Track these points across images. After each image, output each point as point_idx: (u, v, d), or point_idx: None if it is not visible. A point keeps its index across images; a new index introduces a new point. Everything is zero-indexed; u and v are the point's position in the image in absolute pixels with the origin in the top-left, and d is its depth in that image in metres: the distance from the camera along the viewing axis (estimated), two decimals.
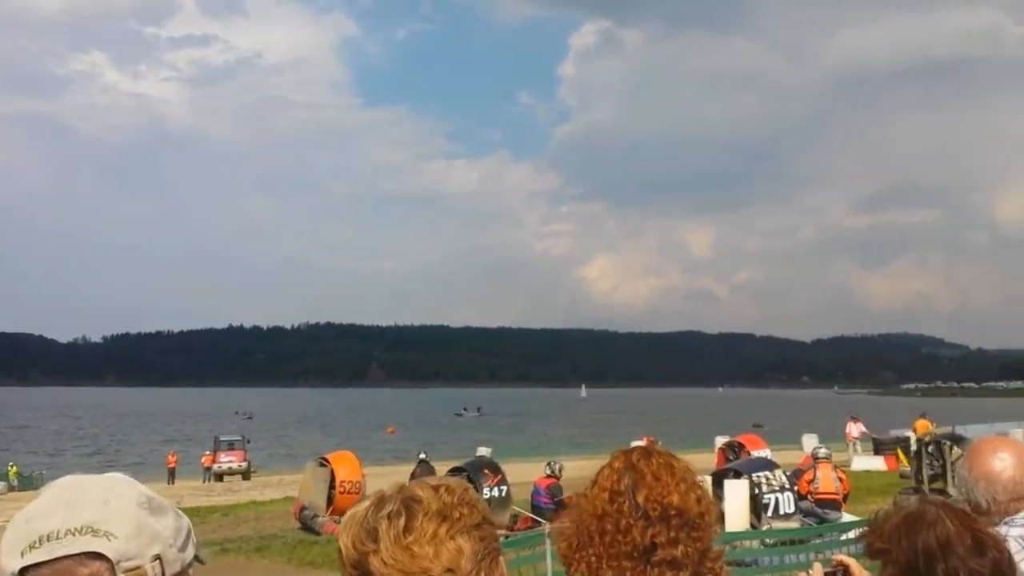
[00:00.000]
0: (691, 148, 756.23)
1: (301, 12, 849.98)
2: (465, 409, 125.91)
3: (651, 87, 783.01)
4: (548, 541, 9.82)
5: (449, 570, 1.44)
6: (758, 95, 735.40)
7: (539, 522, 16.12)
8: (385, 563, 1.43)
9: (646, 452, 2.16)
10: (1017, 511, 2.52)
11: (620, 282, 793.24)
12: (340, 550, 1.50)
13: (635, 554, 2.00)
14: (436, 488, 1.53)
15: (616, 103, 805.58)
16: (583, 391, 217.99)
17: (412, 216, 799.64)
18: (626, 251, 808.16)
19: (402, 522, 1.46)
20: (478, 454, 25.39)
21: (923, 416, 37.91)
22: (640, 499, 2.04)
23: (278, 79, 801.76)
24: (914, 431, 34.22)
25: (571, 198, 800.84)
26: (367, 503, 1.53)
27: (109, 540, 1.37)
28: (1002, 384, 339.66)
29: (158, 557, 1.43)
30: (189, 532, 1.56)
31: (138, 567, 1.39)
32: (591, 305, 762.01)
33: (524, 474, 24.41)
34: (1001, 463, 2.64)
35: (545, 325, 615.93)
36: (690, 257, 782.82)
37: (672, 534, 2.01)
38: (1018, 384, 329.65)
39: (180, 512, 1.54)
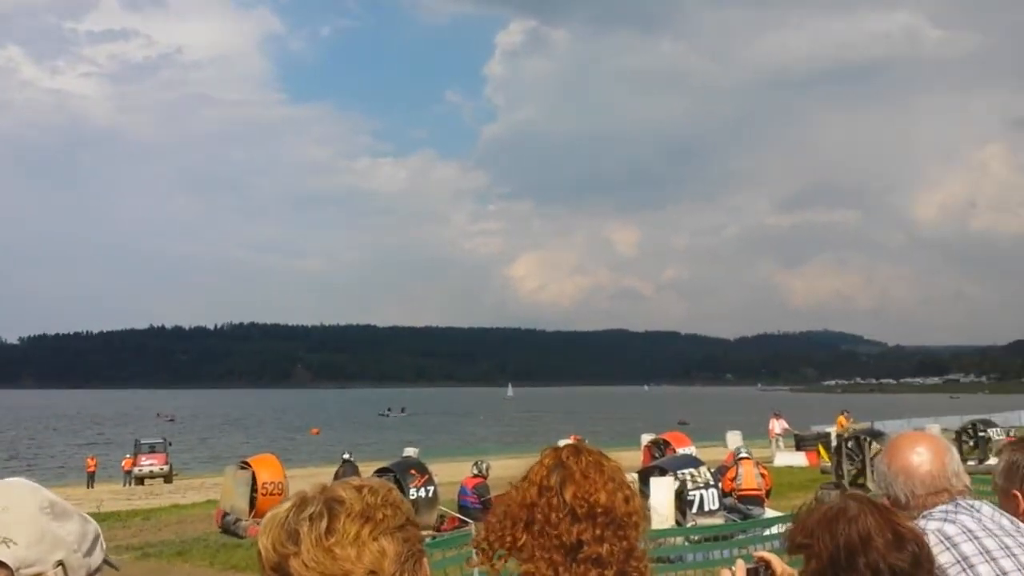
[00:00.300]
0: (618, 147, 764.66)
1: (223, 7, 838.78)
2: (389, 410, 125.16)
3: (578, 86, 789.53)
4: (474, 541, 9.76)
5: (372, 572, 1.41)
6: (685, 95, 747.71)
7: (466, 522, 16.10)
8: (306, 565, 1.40)
9: (576, 450, 2.18)
10: (935, 505, 2.55)
11: (547, 281, 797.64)
12: (260, 552, 1.46)
13: (562, 549, 2.02)
14: (359, 489, 1.50)
15: (543, 102, 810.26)
16: (510, 390, 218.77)
17: (337, 215, 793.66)
18: (553, 250, 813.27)
19: (324, 524, 1.42)
20: (405, 454, 25.23)
21: (843, 412, 38.85)
22: (568, 496, 2.06)
23: (200, 75, 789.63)
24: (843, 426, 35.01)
25: (498, 197, 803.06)
26: (288, 504, 1.49)
27: (8, 547, 1.36)
28: (919, 380, 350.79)
29: (61, 563, 1.40)
30: (97, 537, 1.52)
31: (39, 573, 1.38)
32: (518, 304, 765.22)
33: (451, 474, 24.39)
34: (919, 458, 2.67)
35: (472, 324, 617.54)
36: (617, 256, 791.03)
37: (598, 532, 2.03)
38: (935, 380, 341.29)
39: (87, 517, 1.51)
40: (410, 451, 26.50)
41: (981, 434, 29.58)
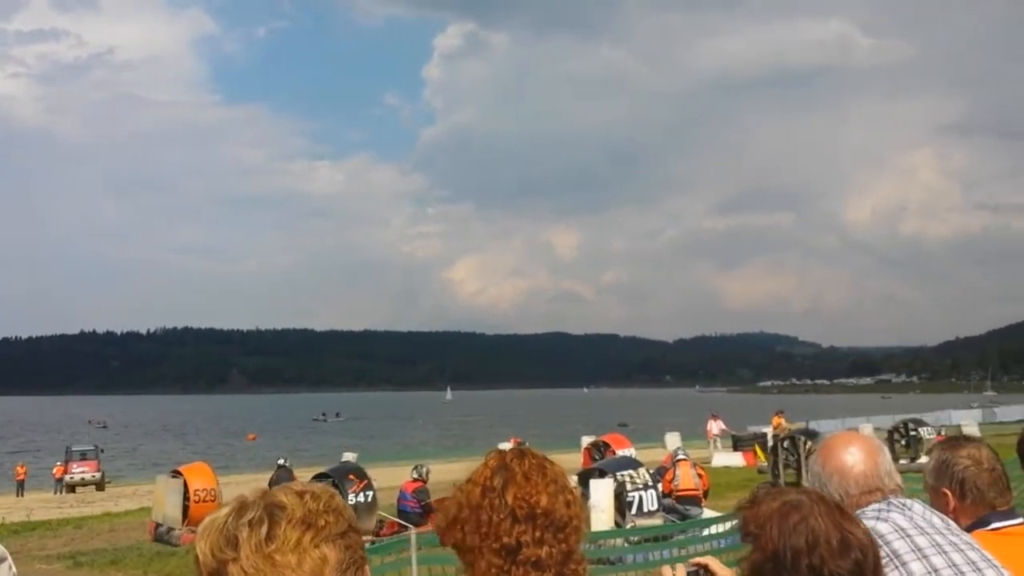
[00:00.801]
0: (558, 151, 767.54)
1: (156, 8, 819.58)
2: (323, 414, 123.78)
3: (517, 90, 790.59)
4: (414, 546, 9.70)
5: None
6: (624, 100, 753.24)
7: (406, 526, 15.99)
8: (245, 572, 1.37)
9: (520, 453, 2.17)
10: (868, 503, 2.57)
11: (487, 284, 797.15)
12: (197, 557, 1.42)
13: (502, 552, 2.00)
14: (301, 494, 1.46)
15: (482, 105, 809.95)
16: (448, 394, 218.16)
17: (273, 217, 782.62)
18: (493, 253, 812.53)
19: (264, 529, 1.39)
20: (343, 459, 25.04)
21: (779, 413, 39.46)
22: (509, 498, 2.04)
23: (131, 75, 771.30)
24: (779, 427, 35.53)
25: (437, 200, 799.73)
26: (228, 508, 1.45)
27: None
28: (852, 380, 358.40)
29: None
30: (3, 560, 1.44)
31: None
32: (457, 307, 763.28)
33: (391, 478, 24.24)
34: (852, 457, 2.69)
35: (411, 328, 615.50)
36: (556, 259, 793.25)
37: (537, 534, 2.02)
38: (867, 381, 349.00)
39: None
40: (349, 456, 26.30)
41: (912, 433, 30.27)
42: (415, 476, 19.57)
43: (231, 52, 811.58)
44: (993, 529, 3.01)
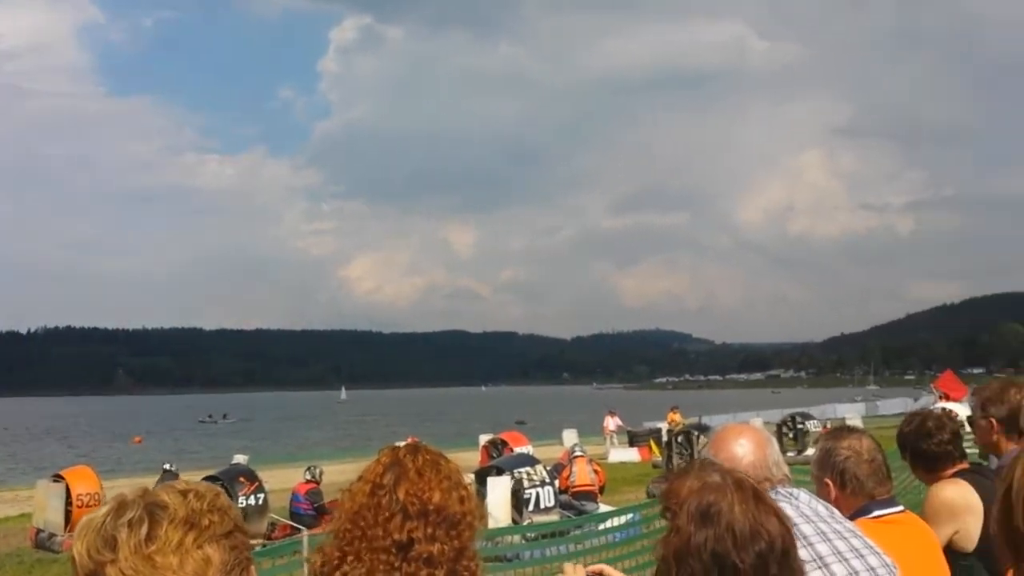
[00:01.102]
0: (456, 147, 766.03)
1: None
2: (210, 415, 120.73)
3: (415, 85, 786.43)
4: (306, 548, 9.55)
5: None
6: (523, 98, 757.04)
7: (298, 529, 15.75)
8: (123, 574, 1.34)
9: (414, 449, 2.19)
10: None
11: (383, 282, 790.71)
12: (74, 559, 1.39)
13: (393, 548, 2.01)
14: (184, 493, 1.43)
15: (379, 100, 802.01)
16: (343, 393, 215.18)
17: (161, 213, 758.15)
18: (389, 250, 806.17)
19: (144, 530, 1.36)
20: (234, 461, 24.45)
21: (674, 409, 40.24)
22: (401, 494, 2.05)
23: (12, 65, 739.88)
24: (674, 422, 36.23)
25: (333, 196, 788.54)
26: (106, 508, 1.41)
27: None
28: (744, 376, 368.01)
29: None
30: None
31: None
32: (353, 305, 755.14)
33: (282, 480, 23.92)
34: (742, 449, 2.77)
35: (305, 327, 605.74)
36: (454, 256, 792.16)
37: (430, 531, 2.03)
38: (758, 376, 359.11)
39: None
40: (239, 458, 25.71)
41: (800, 426, 31.24)
42: (308, 478, 19.31)
43: (117, 42, 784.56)
44: (874, 517, 3.11)
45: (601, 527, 12.03)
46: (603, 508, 17.06)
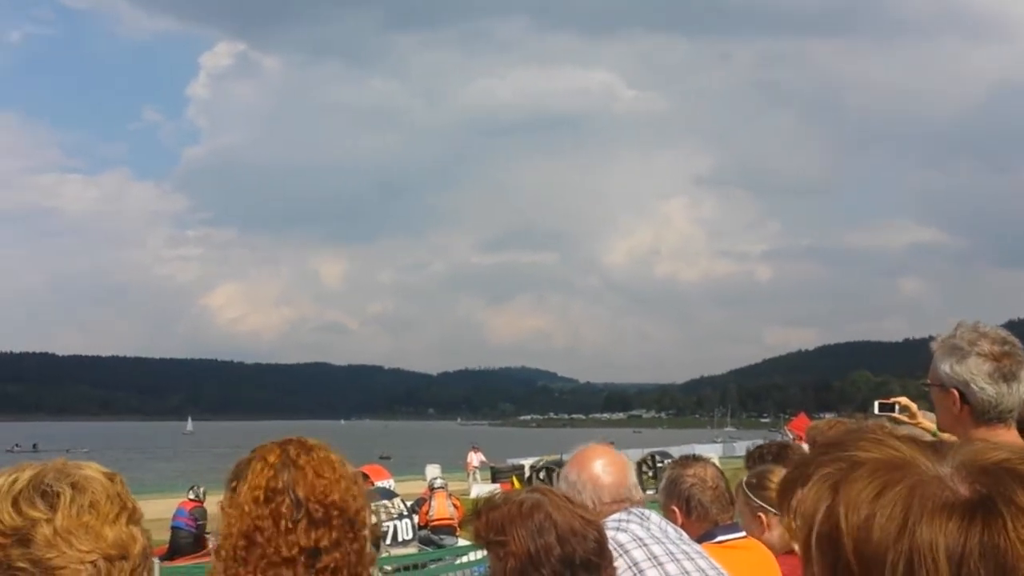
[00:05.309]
0: (328, 178, 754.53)
1: None
2: (18, 445, 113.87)
3: (289, 115, 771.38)
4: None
5: (122, 555, 1.37)
6: (396, 132, 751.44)
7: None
8: (59, 535, 1.33)
9: (305, 445, 1.99)
10: (614, 513, 2.76)
11: (249, 311, 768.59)
12: None
13: (298, 559, 1.83)
14: (110, 477, 1.44)
15: (251, 128, 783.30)
16: (189, 424, 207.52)
17: (14, 234, 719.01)
18: (257, 280, 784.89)
19: (87, 497, 1.37)
20: None
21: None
22: (301, 497, 1.88)
23: None
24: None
25: (199, 222, 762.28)
26: (31, 471, 1.40)
27: None
28: (607, 415, 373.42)
29: None
30: None
31: None
32: (216, 334, 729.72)
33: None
34: (604, 469, 2.89)
35: (164, 355, 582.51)
36: (323, 288, 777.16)
37: (335, 535, 1.88)
38: (620, 415, 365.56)
39: None
40: None
41: (659, 465, 31.88)
42: (192, 496, 18.51)
43: None
44: (718, 542, 3.27)
45: (458, 561, 12.07)
46: (462, 542, 17.07)
